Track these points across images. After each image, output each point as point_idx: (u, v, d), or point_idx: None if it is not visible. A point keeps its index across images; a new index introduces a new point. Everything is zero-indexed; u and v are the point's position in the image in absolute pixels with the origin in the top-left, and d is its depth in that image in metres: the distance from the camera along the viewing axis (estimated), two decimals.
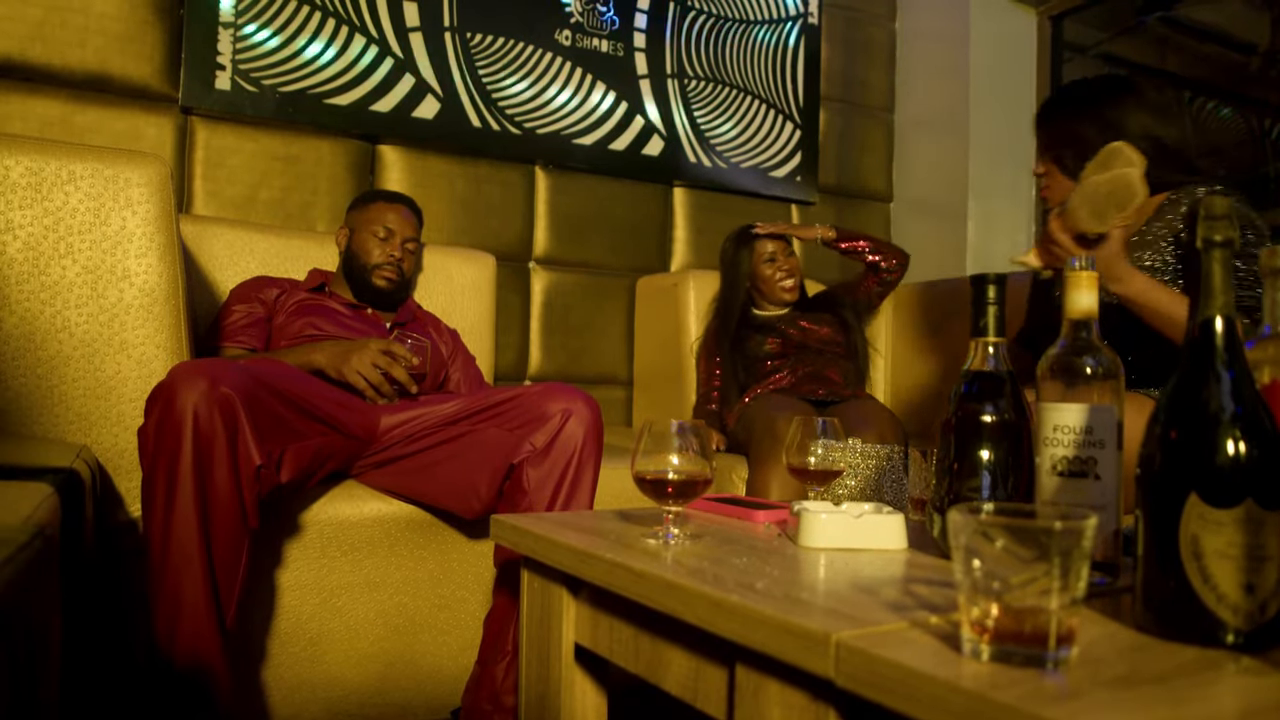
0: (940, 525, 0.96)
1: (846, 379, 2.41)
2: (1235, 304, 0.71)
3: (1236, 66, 3.01)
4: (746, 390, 2.39)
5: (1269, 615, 0.67)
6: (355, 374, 1.66)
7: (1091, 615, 0.77)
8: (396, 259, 2.00)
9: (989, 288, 0.95)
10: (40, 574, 0.83)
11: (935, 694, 0.59)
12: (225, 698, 1.28)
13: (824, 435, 1.25)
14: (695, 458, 1.03)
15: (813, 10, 3.18)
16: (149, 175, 1.46)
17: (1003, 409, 0.93)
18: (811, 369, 2.38)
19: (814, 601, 0.77)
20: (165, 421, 1.24)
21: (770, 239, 2.49)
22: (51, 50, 2.10)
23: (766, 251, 2.50)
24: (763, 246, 2.50)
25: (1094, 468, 0.86)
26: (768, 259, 2.49)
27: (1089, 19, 3.23)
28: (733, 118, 3.02)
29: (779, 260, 2.49)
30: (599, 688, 1.13)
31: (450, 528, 1.66)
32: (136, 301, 1.45)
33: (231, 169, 2.31)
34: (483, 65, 2.59)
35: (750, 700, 0.77)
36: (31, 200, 1.39)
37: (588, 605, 1.06)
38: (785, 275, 2.49)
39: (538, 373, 2.72)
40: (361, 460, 1.64)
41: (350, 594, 1.58)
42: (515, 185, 2.68)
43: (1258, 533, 0.66)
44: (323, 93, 2.38)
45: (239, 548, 1.30)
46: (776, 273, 2.49)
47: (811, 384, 2.35)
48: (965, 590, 0.63)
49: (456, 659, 1.66)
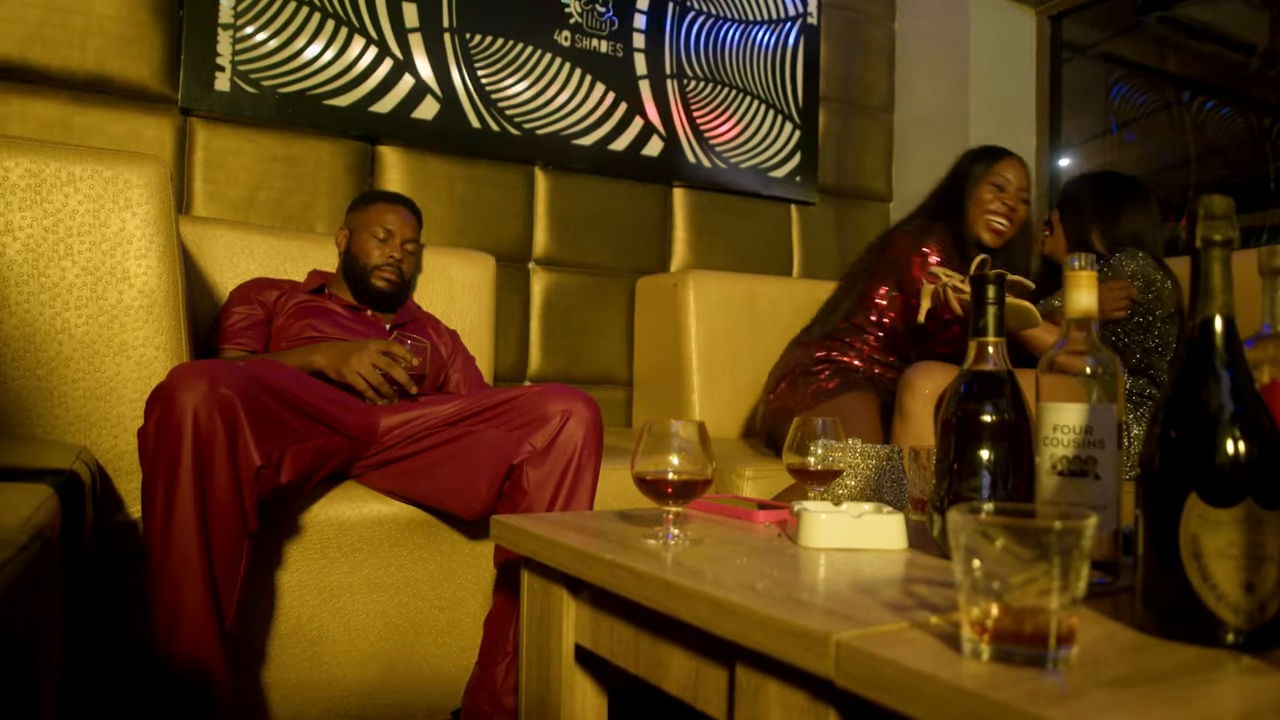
0: (940, 525, 0.96)
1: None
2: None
3: (1236, 66, 3.01)
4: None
5: (1269, 615, 0.67)
6: (355, 375, 1.66)
7: (1091, 615, 0.77)
8: (396, 260, 2.00)
9: (988, 288, 0.96)
10: (40, 576, 0.83)
11: (935, 694, 0.58)
12: (225, 699, 1.28)
13: (824, 435, 1.25)
14: (695, 458, 1.03)
15: (812, 10, 3.18)
16: (148, 176, 1.46)
17: (1002, 409, 0.93)
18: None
19: (814, 602, 0.77)
20: (165, 423, 1.24)
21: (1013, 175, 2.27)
22: (51, 52, 2.10)
23: (1004, 178, 2.26)
24: (1004, 170, 2.27)
25: (1094, 467, 0.86)
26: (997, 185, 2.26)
27: (1088, 18, 3.23)
28: (732, 118, 3.02)
29: (1009, 192, 2.26)
30: (599, 688, 1.13)
31: (450, 529, 1.66)
32: (136, 303, 1.45)
33: (231, 170, 2.31)
34: (482, 66, 2.59)
35: (750, 701, 0.77)
36: (31, 202, 1.39)
37: (588, 606, 1.06)
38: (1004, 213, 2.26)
39: (537, 373, 2.72)
40: (361, 461, 1.64)
41: (350, 595, 1.58)
42: (515, 186, 2.68)
43: (1258, 532, 0.66)
44: (322, 94, 2.38)
45: (239, 549, 1.30)
46: (996, 203, 2.26)
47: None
48: (965, 590, 0.63)
49: (456, 660, 1.66)
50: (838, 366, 2.27)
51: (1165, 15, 3.06)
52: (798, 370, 2.31)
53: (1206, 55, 3.13)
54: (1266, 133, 2.81)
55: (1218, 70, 3.07)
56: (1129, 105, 3.19)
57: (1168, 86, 3.13)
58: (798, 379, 2.28)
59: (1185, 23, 3.06)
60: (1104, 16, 3.20)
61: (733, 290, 2.69)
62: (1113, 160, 3.22)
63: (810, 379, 2.25)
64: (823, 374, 2.25)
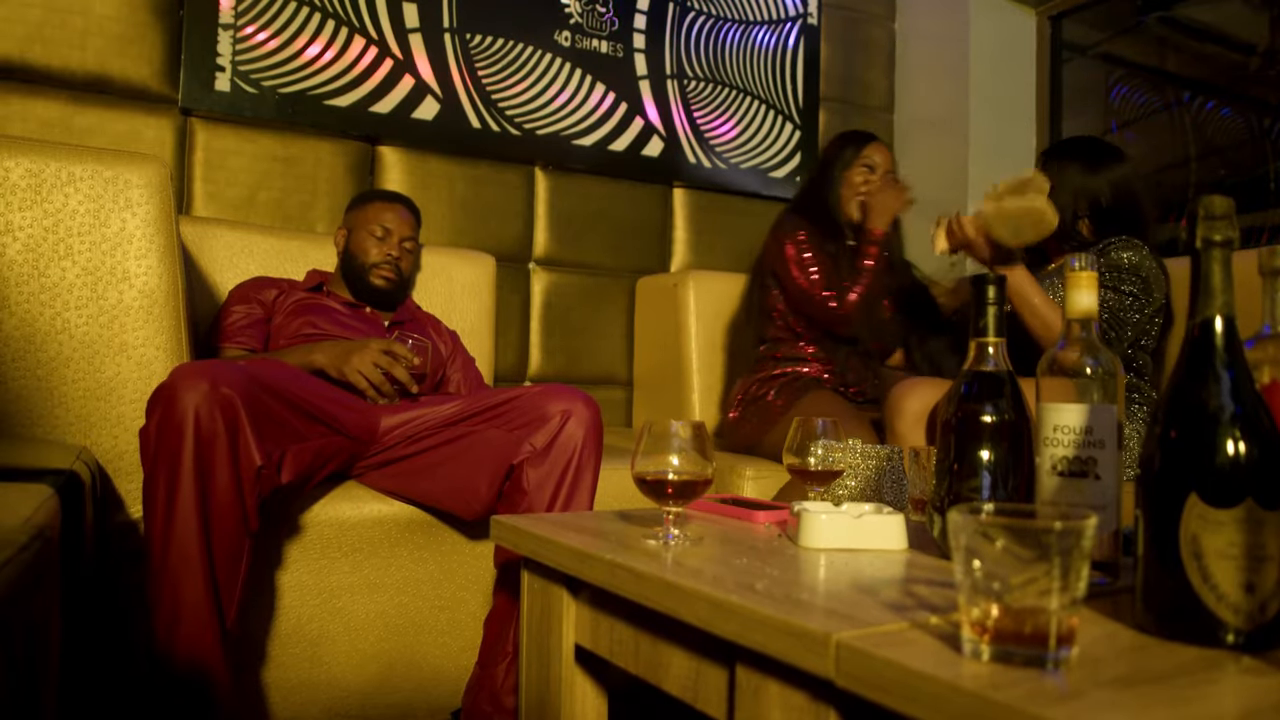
0: (940, 526, 0.96)
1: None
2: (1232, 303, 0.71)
3: (1235, 66, 3.01)
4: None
5: (1269, 615, 0.67)
6: (356, 373, 1.66)
7: (1091, 615, 0.77)
8: (394, 258, 2.00)
9: (989, 288, 0.96)
10: (40, 576, 0.83)
11: (935, 694, 0.59)
12: (225, 699, 1.28)
13: (824, 435, 1.25)
14: (695, 458, 1.03)
15: (812, 11, 3.18)
16: (149, 177, 1.46)
17: (1002, 409, 0.93)
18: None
19: (814, 602, 0.77)
20: (166, 423, 1.24)
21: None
22: (51, 52, 2.10)
23: (873, 160, 2.30)
24: (872, 154, 2.31)
25: (1094, 468, 0.86)
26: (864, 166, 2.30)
27: (1088, 19, 3.23)
28: (732, 118, 3.02)
29: (878, 174, 2.29)
30: (599, 688, 1.13)
31: (450, 529, 1.66)
32: (136, 303, 1.45)
33: (231, 170, 2.31)
34: (482, 66, 2.59)
35: (750, 701, 0.77)
36: (31, 202, 1.39)
37: (588, 606, 1.06)
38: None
39: (538, 373, 2.72)
40: (362, 461, 1.64)
41: (350, 595, 1.58)
42: (515, 186, 2.68)
43: (1258, 532, 0.66)
44: (322, 94, 2.38)
45: (239, 549, 1.30)
46: (867, 184, 2.29)
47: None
48: (965, 591, 0.63)
49: (457, 660, 1.66)
50: (783, 382, 2.25)
51: (1165, 15, 3.06)
52: (744, 398, 2.30)
53: (1206, 55, 3.13)
54: (1266, 133, 2.81)
55: (1218, 70, 3.07)
56: (1129, 105, 3.19)
57: (1168, 86, 3.13)
58: (748, 406, 2.28)
59: (1185, 23, 3.06)
60: (1104, 17, 3.20)
61: (733, 290, 2.69)
62: None
63: (760, 403, 2.25)
64: (769, 395, 2.24)
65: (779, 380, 2.24)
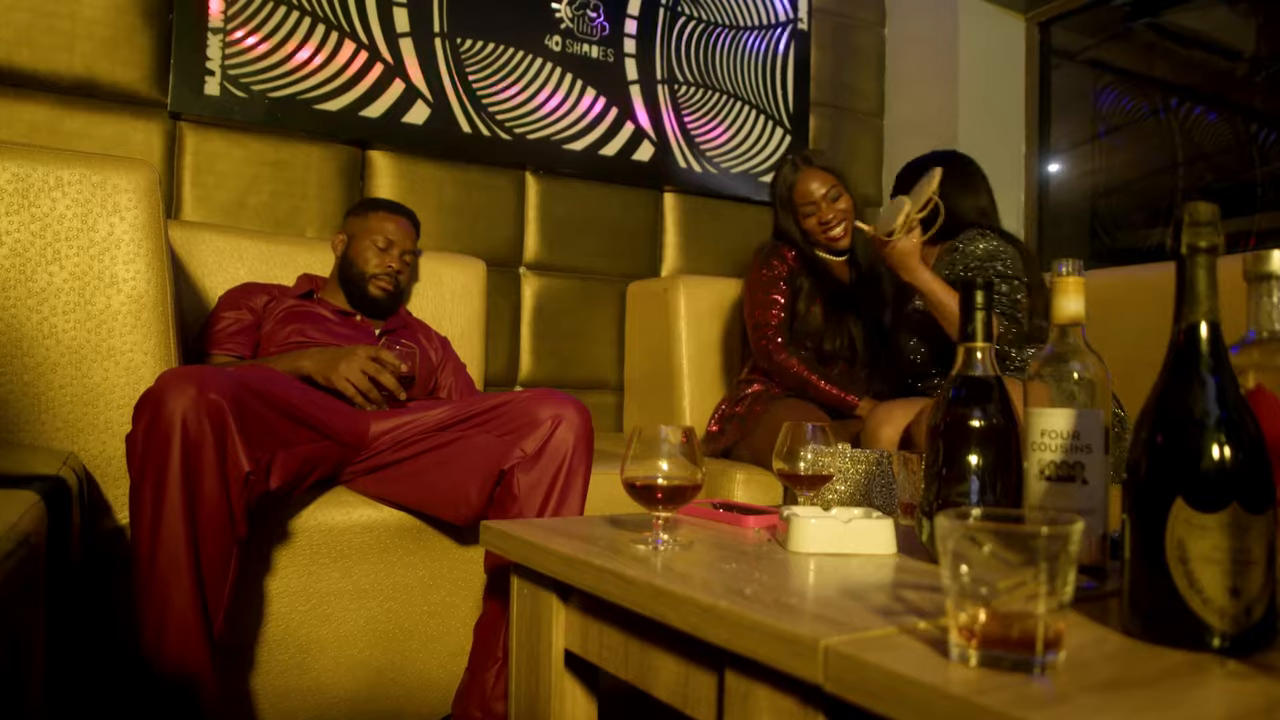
0: (929, 530, 0.96)
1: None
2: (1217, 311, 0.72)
3: (1223, 72, 3.03)
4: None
5: (1254, 619, 0.67)
6: (344, 380, 1.65)
7: (1078, 619, 0.77)
8: (394, 270, 2.00)
9: (976, 293, 0.96)
10: (25, 582, 0.83)
11: (923, 699, 0.59)
12: (213, 706, 1.27)
13: (813, 440, 1.25)
14: (685, 463, 1.03)
15: (802, 16, 3.19)
16: (137, 181, 1.46)
17: (991, 414, 0.93)
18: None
19: (803, 607, 0.78)
20: (153, 428, 1.24)
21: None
22: (38, 55, 2.09)
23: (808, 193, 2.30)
24: (805, 184, 2.30)
25: (1081, 472, 0.86)
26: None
27: (1077, 25, 3.25)
28: (723, 123, 3.03)
29: (821, 208, 2.30)
30: (589, 694, 1.13)
31: (440, 534, 1.66)
32: (124, 308, 1.44)
33: (220, 174, 2.30)
34: (473, 71, 2.59)
35: (739, 706, 0.77)
36: (18, 206, 1.38)
37: (577, 611, 1.06)
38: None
39: (528, 378, 2.72)
40: (351, 467, 1.64)
41: (339, 601, 1.57)
42: (505, 190, 2.68)
43: (1243, 537, 0.67)
44: (312, 98, 2.37)
45: (227, 555, 1.30)
46: (815, 222, 2.31)
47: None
48: (953, 595, 0.63)
49: (446, 666, 1.66)
50: (758, 394, 2.27)
51: (1153, 22, 3.08)
52: (722, 417, 2.34)
53: (1194, 61, 3.15)
54: (1253, 138, 2.83)
55: (1205, 76, 3.09)
56: (1116, 111, 3.21)
57: (1155, 92, 3.15)
58: (727, 422, 2.30)
59: (1172, 29, 3.08)
60: (1092, 23, 3.22)
61: (724, 295, 2.70)
62: (1100, 165, 3.24)
63: (736, 417, 2.27)
64: (742, 408, 2.27)
65: (756, 394, 2.28)
